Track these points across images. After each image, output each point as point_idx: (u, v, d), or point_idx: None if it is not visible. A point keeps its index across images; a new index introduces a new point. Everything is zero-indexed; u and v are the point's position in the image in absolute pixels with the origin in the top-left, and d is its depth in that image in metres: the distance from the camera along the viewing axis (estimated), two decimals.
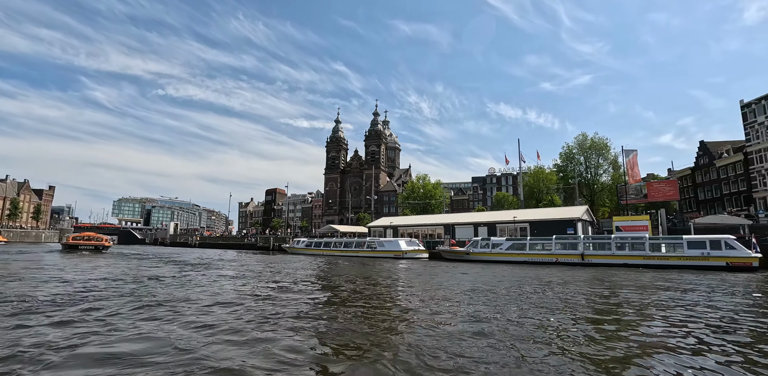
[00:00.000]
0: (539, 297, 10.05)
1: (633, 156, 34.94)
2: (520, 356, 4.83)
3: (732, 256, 18.44)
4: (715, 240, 19.05)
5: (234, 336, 5.77)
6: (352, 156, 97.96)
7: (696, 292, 11.19)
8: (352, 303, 9.17)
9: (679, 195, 50.66)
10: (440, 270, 19.82)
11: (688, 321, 7.02)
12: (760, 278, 15.64)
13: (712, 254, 18.78)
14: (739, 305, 8.84)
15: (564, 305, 8.74)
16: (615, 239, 22.07)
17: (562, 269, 20.40)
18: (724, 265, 18.41)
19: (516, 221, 30.97)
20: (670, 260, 19.85)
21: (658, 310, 8.27)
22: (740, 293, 11.21)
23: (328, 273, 18.06)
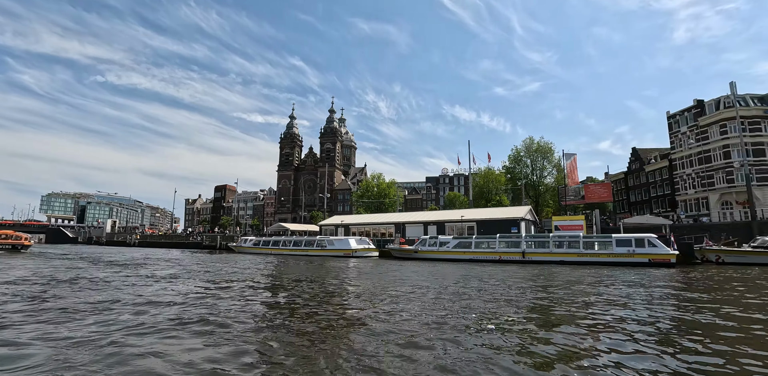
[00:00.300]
0: (480, 294, 10.21)
1: (573, 160, 37.11)
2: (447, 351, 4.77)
3: (654, 253, 20.01)
4: (639, 239, 20.58)
5: (126, 348, 5.26)
6: (306, 153, 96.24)
7: (616, 286, 11.91)
8: (289, 305, 8.81)
9: (613, 197, 54.47)
10: (388, 269, 19.81)
11: (612, 314, 7.37)
12: (675, 272, 17.04)
13: (637, 251, 20.28)
14: (651, 296, 9.48)
15: (502, 300, 8.93)
16: (553, 238, 23.24)
17: (504, 266, 21.12)
18: (647, 261, 19.93)
19: (464, 220, 31.79)
20: (601, 257, 21.18)
21: (585, 302, 8.66)
22: (654, 286, 12.07)
23: (272, 272, 17.44)
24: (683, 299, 9.49)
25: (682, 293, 10.76)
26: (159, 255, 31.80)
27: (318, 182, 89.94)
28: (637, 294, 10.26)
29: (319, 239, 33.82)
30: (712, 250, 22.38)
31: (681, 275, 16.26)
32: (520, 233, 26.98)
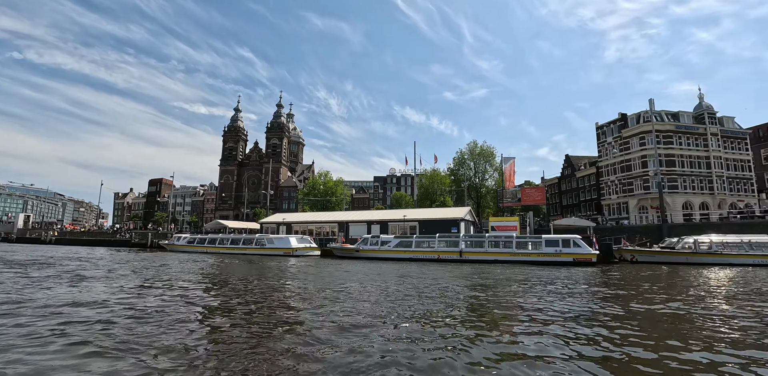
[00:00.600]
0: (414, 292, 10.25)
1: (510, 164, 39.07)
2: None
3: (577, 253, 21.49)
4: (566, 239, 22.02)
5: None
6: (251, 148, 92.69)
7: (541, 282, 12.58)
8: (218, 307, 8.25)
9: (547, 200, 58.06)
10: (328, 268, 19.48)
11: (535, 307, 7.68)
12: (595, 270, 18.40)
13: (563, 251, 21.68)
14: (570, 291, 10.10)
15: (436, 298, 9.01)
16: (489, 238, 24.20)
17: (443, 265, 21.60)
18: (572, 260, 21.36)
19: (406, 220, 32.22)
20: (532, 257, 22.38)
21: (515, 296, 8.98)
22: (574, 282, 12.91)
23: (204, 272, 16.43)
24: (596, 293, 10.19)
25: (599, 288, 11.56)
26: (77, 254, 28.92)
27: (263, 179, 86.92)
28: (558, 289, 10.87)
29: (258, 237, 32.60)
30: (628, 250, 24.47)
31: (599, 272, 17.56)
32: (459, 233, 27.79)
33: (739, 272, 18.06)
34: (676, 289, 11.73)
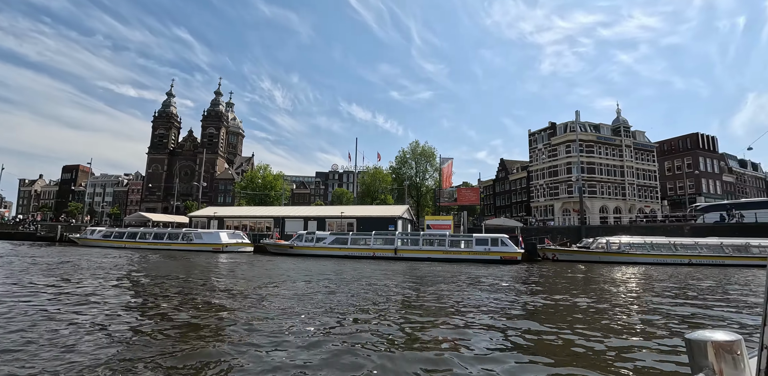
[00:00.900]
0: (344, 289, 10.01)
1: (448, 164, 40.30)
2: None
3: (504, 251, 22.61)
4: (494, 238, 23.09)
5: None
6: (185, 136, 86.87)
7: (469, 280, 12.99)
8: (128, 310, 7.38)
9: (482, 201, 60.79)
10: (259, 265, 18.67)
11: (462, 302, 7.79)
12: (519, 268, 19.45)
13: (492, 249, 22.70)
14: (495, 287, 10.49)
15: (367, 294, 8.83)
16: (423, 236, 24.72)
17: (378, 262, 21.63)
18: (499, 258, 22.42)
19: (344, 217, 31.97)
20: (463, 255, 23.19)
21: (443, 291, 9.08)
22: (499, 278, 13.50)
23: (117, 270, 14.90)
24: (517, 288, 10.68)
25: (520, 284, 12.15)
26: None
27: (196, 169, 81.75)
28: (483, 285, 11.25)
29: (185, 232, 30.51)
30: (550, 249, 26.22)
31: (522, 269, 18.58)
32: (396, 231, 28.05)
33: (641, 269, 20.07)
34: (587, 284, 12.67)
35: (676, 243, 25.39)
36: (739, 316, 7.53)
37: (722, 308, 8.41)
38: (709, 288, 12.12)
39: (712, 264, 24.42)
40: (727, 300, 9.58)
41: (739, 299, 9.76)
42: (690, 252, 25.01)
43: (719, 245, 25.34)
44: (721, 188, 53.78)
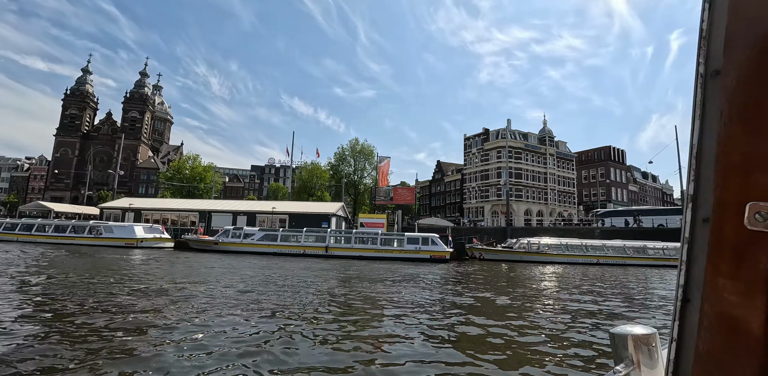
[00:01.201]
0: (270, 289, 9.39)
1: (386, 163, 40.51)
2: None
3: (434, 250, 23.15)
4: (425, 238, 23.56)
5: None
6: (103, 119, 78.56)
7: (397, 277, 12.99)
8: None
9: (418, 201, 62.18)
10: (179, 262, 17.21)
11: (390, 296, 7.59)
12: (447, 266, 19.99)
13: (422, 248, 23.13)
14: (421, 285, 10.54)
15: (292, 292, 8.31)
16: (356, 234, 24.53)
17: (308, 260, 21.06)
18: (429, 257, 22.89)
19: (275, 212, 30.76)
20: (394, 253, 23.37)
21: (369, 289, 8.84)
22: (426, 276, 13.68)
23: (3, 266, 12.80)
24: (441, 286, 10.83)
25: (445, 282, 12.37)
26: None
27: (114, 156, 74.36)
28: (411, 282, 11.27)
29: (93, 224, 27.41)
30: (477, 248, 27.38)
31: (449, 268, 19.11)
32: (329, 228, 27.56)
33: (556, 268, 21.61)
34: (508, 282, 13.27)
35: (587, 245, 27.76)
36: (634, 310, 8.23)
37: (621, 303, 9.16)
38: (612, 285, 13.27)
39: (616, 264, 27.07)
40: (626, 296, 10.50)
41: (632, 296, 10.75)
42: (598, 253, 27.50)
43: (622, 246, 28.15)
44: (627, 196, 60.08)
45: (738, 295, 0.55)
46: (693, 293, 0.61)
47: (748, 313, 0.54)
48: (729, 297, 0.56)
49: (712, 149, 0.60)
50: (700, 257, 0.61)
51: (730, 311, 0.56)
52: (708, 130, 0.61)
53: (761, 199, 0.53)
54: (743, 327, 0.54)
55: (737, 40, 0.58)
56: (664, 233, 35.57)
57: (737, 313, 0.55)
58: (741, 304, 0.55)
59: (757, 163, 0.55)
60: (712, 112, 0.61)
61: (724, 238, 0.57)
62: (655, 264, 27.24)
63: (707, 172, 0.61)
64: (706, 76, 0.62)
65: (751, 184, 0.55)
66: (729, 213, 0.57)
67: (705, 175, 0.61)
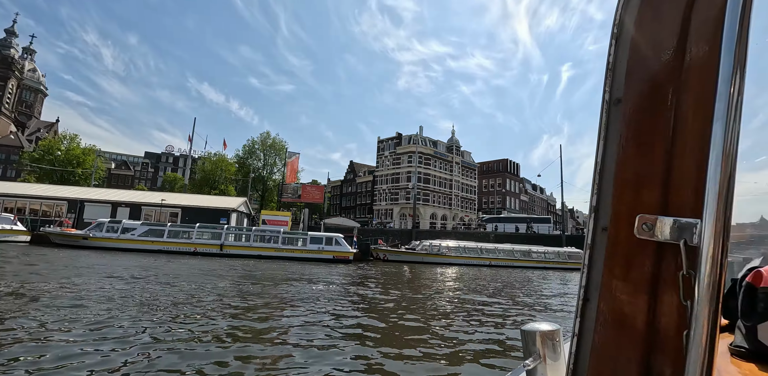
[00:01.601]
0: (142, 295, 7.98)
1: (295, 159, 38.89)
2: None
3: (337, 250, 22.76)
4: (329, 237, 23.05)
5: None
6: None
7: (295, 278, 12.28)
8: None
9: (329, 200, 61.45)
10: (30, 261, 14.25)
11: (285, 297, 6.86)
12: (349, 267, 19.74)
13: (326, 248, 22.59)
14: (319, 286, 10.00)
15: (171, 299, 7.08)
16: (254, 232, 23.07)
17: (200, 259, 19.19)
18: (332, 258, 22.44)
19: (165, 205, 27.55)
20: (296, 253, 22.46)
21: (262, 292, 8.00)
22: (325, 277, 13.19)
23: None
24: (343, 287, 10.44)
25: (343, 283, 12.00)
26: None
27: None
28: (310, 283, 10.67)
29: None
30: (381, 249, 27.69)
31: (353, 269, 18.87)
32: (221, 225, 25.47)
33: (454, 269, 22.69)
34: (408, 282, 13.40)
35: (481, 248, 29.80)
36: (518, 308, 8.73)
37: (503, 301, 9.71)
38: (502, 285, 14.21)
39: (505, 266, 29.53)
40: (508, 295, 11.22)
41: (516, 295, 11.55)
42: (491, 255, 29.73)
43: (511, 250, 30.81)
44: (519, 205, 66.45)
45: (627, 295, 0.65)
46: (592, 293, 0.68)
47: (634, 310, 0.64)
48: (620, 297, 0.65)
49: (611, 167, 0.68)
50: (598, 262, 0.68)
51: (621, 309, 0.65)
52: (609, 150, 0.69)
53: (647, 212, 0.62)
54: (630, 322, 0.64)
55: (636, 74, 0.68)
56: (547, 239, 39.97)
57: (626, 310, 0.64)
58: (629, 302, 0.64)
59: (645, 181, 0.65)
60: (613, 134, 0.69)
61: (618, 245, 0.66)
62: (537, 266, 30.31)
63: (607, 186, 0.68)
64: (610, 103, 0.70)
65: (641, 199, 0.65)
66: (623, 223, 0.65)
67: (605, 189, 0.69)
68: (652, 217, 0.61)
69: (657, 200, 0.64)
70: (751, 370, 0.84)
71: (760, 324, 0.85)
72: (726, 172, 0.50)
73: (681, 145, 0.63)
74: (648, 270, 0.63)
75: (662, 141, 0.64)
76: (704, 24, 0.62)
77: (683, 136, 0.63)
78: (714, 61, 0.54)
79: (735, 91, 0.51)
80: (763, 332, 0.84)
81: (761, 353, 0.85)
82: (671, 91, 0.64)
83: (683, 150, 0.62)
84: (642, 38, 0.68)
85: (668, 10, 0.65)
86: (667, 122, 0.64)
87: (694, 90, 0.62)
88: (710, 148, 0.52)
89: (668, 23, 0.65)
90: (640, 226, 0.62)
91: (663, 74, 0.65)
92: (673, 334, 0.60)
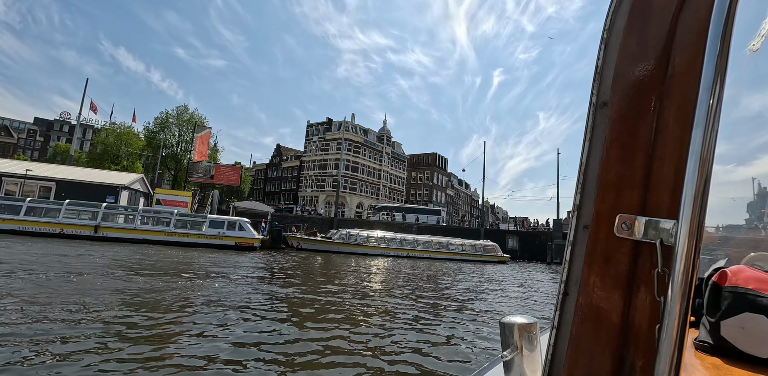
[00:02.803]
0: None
1: (205, 134, 34.62)
2: None
3: (240, 237, 20.48)
4: (232, 222, 20.65)
5: None
6: None
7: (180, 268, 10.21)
8: None
9: (252, 185, 57.68)
10: None
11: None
12: (255, 256, 17.73)
13: (227, 233, 20.22)
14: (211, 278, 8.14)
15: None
16: (140, 212, 19.91)
17: (67, 242, 15.99)
18: (234, 244, 20.16)
19: (34, 178, 22.88)
20: (191, 238, 19.85)
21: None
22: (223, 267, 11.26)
23: None
24: (244, 279, 8.66)
25: (242, 273, 10.19)
26: None
27: None
28: (201, 275, 8.71)
29: None
30: (295, 237, 25.88)
31: (257, 257, 16.92)
32: (103, 203, 21.76)
33: (372, 260, 21.56)
34: (318, 275, 11.93)
35: (400, 238, 29.26)
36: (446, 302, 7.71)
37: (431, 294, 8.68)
38: (423, 277, 13.33)
39: (423, 257, 29.35)
40: (429, 289, 10.28)
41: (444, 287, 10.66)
42: (410, 247, 29.35)
43: (430, 241, 30.71)
44: (444, 199, 67.96)
45: (604, 290, 0.68)
46: (571, 287, 0.71)
47: (610, 305, 0.67)
48: (598, 292, 0.68)
49: (595, 168, 0.70)
50: (578, 258, 0.71)
51: (598, 304, 0.68)
52: (594, 151, 0.71)
53: (627, 211, 0.66)
54: (606, 316, 0.67)
55: (622, 79, 0.70)
56: (467, 232, 40.92)
57: (603, 305, 0.68)
58: (606, 297, 0.68)
59: (626, 183, 0.67)
60: (598, 136, 0.71)
61: (598, 242, 0.69)
62: (453, 258, 30.59)
63: (590, 186, 0.71)
64: (597, 106, 0.72)
65: (621, 199, 0.67)
66: (603, 222, 0.68)
67: (588, 189, 0.71)
68: (632, 217, 0.64)
69: (637, 200, 0.66)
70: (714, 363, 0.88)
71: (723, 321, 0.89)
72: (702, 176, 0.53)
73: (661, 149, 0.65)
74: (625, 267, 0.66)
75: (644, 145, 0.67)
76: (689, 34, 0.64)
77: (664, 140, 0.65)
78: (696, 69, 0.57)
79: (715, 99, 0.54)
80: (726, 329, 0.89)
81: (723, 347, 0.90)
82: (655, 97, 0.67)
83: (663, 154, 0.65)
84: (630, 44, 0.69)
85: (656, 18, 0.67)
86: (649, 127, 0.67)
87: (676, 96, 0.65)
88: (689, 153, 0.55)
89: (655, 31, 0.67)
90: (620, 225, 0.65)
91: (648, 80, 0.67)
92: (646, 327, 0.63)
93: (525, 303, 9.52)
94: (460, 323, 6.36)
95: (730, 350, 0.89)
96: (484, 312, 7.62)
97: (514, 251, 41.55)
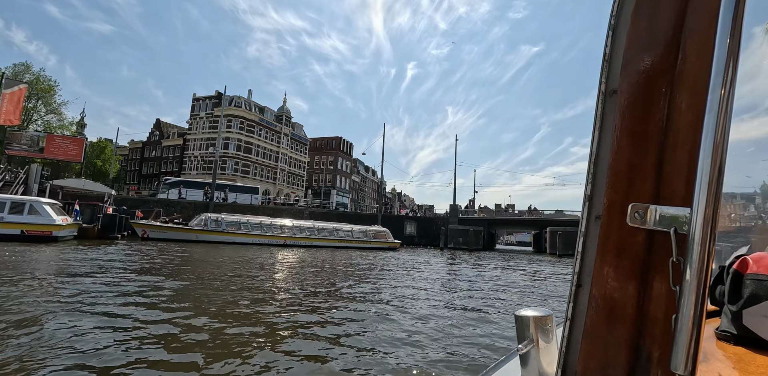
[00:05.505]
0: None
1: (19, 90, 26.36)
2: None
3: (32, 223, 15.35)
4: (19, 202, 15.43)
5: None
6: None
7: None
8: None
9: (125, 165, 49.34)
10: None
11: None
12: (51, 249, 13.22)
13: (8, 219, 15.07)
14: None
15: None
16: None
17: None
18: (19, 233, 15.14)
19: None
20: None
21: None
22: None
23: None
24: None
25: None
26: None
27: None
28: None
29: None
30: (140, 224, 21.32)
31: (51, 251, 12.49)
32: None
33: (236, 250, 17.94)
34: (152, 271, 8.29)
35: (276, 224, 26.07)
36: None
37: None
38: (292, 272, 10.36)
39: (303, 245, 26.54)
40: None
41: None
42: (288, 233, 26.31)
43: (313, 227, 27.96)
44: (349, 185, 65.74)
45: (618, 281, 0.67)
46: (584, 279, 0.70)
47: (625, 295, 0.66)
48: (611, 283, 0.67)
49: (606, 157, 0.69)
50: (591, 249, 0.69)
51: (611, 295, 0.67)
52: (604, 140, 0.69)
53: (639, 200, 0.64)
54: (621, 307, 0.66)
55: (631, 65, 0.68)
56: (364, 217, 39.05)
57: (616, 296, 0.67)
58: (620, 288, 0.67)
59: (637, 171, 0.66)
60: (608, 125, 0.69)
61: (611, 233, 0.67)
62: (339, 246, 28.28)
63: (601, 176, 0.69)
64: (606, 94, 0.70)
65: (633, 188, 0.66)
66: (615, 212, 0.67)
67: (599, 178, 0.70)
68: (645, 206, 0.63)
69: (649, 189, 0.65)
70: (736, 353, 0.86)
71: (746, 309, 0.88)
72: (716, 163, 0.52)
73: (674, 136, 0.64)
74: (639, 257, 0.65)
75: (656, 132, 0.65)
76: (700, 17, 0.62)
77: (676, 127, 0.64)
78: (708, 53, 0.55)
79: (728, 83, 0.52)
80: (748, 317, 0.88)
81: (746, 337, 0.89)
82: (666, 83, 0.65)
83: (676, 141, 0.63)
84: (638, 30, 0.67)
85: (665, 2, 0.66)
86: (661, 114, 0.65)
87: (688, 82, 0.63)
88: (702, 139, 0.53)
89: (664, 15, 0.66)
90: (633, 214, 0.63)
91: (658, 65, 0.66)
92: (662, 318, 0.62)
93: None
94: None
95: (754, 340, 0.87)
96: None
97: (412, 236, 40.91)
